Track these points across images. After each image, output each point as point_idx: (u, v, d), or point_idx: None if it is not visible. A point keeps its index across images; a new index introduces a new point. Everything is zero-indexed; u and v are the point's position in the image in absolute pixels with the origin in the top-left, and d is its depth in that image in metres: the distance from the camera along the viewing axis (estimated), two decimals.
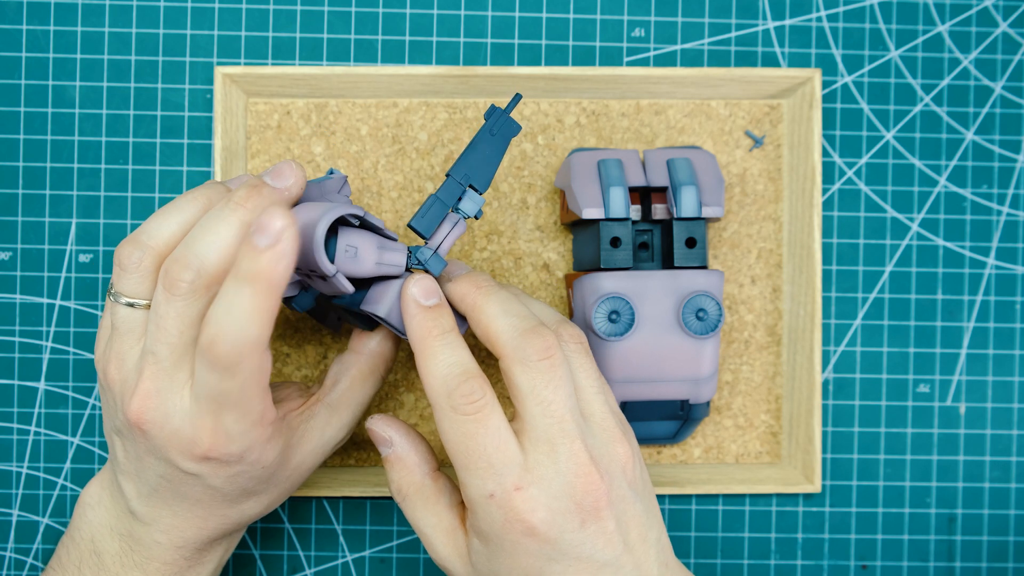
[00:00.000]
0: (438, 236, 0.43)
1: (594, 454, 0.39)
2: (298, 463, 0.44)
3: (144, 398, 0.39)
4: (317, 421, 0.44)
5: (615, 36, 0.53)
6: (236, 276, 0.35)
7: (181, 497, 0.41)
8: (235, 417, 0.38)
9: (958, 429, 0.54)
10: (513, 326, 0.40)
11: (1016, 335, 0.54)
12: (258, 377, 0.37)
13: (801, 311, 0.52)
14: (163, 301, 0.38)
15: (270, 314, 0.36)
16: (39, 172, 0.52)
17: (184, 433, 0.39)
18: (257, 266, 0.34)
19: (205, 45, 0.53)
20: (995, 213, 0.54)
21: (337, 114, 0.52)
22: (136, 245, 0.40)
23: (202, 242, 0.38)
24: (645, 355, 0.48)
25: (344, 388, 0.45)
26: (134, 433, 0.40)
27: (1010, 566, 0.54)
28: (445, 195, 0.43)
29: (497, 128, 0.43)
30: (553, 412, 0.39)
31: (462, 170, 0.43)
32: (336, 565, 0.53)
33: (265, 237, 0.34)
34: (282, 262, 0.35)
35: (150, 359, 0.39)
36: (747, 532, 0.54)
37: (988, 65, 0.54)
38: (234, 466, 0.40)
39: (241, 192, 0.39)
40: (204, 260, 0.38)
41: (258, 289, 0.35)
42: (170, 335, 0.38)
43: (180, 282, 0.38)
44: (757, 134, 0.53)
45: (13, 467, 0.52)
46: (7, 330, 0.52)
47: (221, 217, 0.38)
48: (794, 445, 0.53)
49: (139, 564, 0.42)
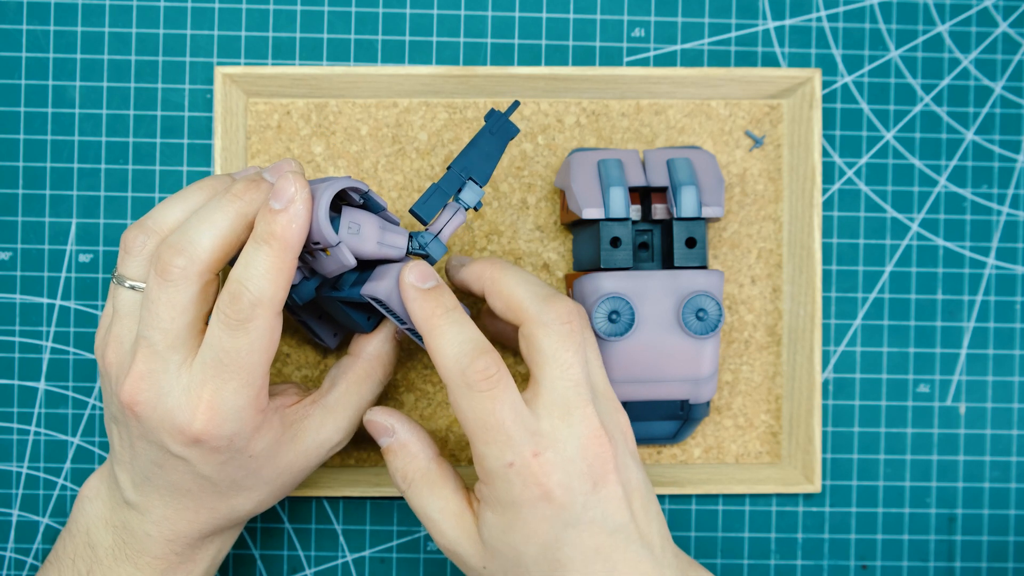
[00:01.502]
0: (439, 223, 0.44)
1: (602, 419, 0.41)
2: (290, 462, 0.44)
3: (137, 379, 0.40)
4: (311, 422, 0.44)
5: (615, 36, 0.54)
6: (254, 238, 0.39)
7: (172, 486, 0.42)
8: (235, 387, 0.39)
9: (958, 429, 0.54)
10: (535, 293, 0.42)
11: (1016, 335, 0.54)
12: (267, 343, 0.39)
13: (801, 311, 0.52)
14: (155, 286, 0.39)
15: (286, 275, 0.39)
16: (39, 172, 0.52)
17: (176, 415, 0.39)
18: (272, 227, 0.39)
19: (205, 45, 0.53)
20: (995, 213, 0.54)
21: (337, 114, 0.52)
22: (142, 229, 0.41)
23: (196, 230, 0.39)
24: (645, 355, 0.48)
25: (341, 391, 0.45)
26: (127, 417, 0.40)
27: (1010, 566, 0.54)
28: (446, 184, 0.44)
29: (496, 129, 0.44)
30: (571, 376, 0.40)
31: (462, 163, 0.44)
32: (336, 565, 0.53)
33: (279, 201, 0.39)
34: (295, 222, 0.39)
35: (143, 343, 0.40)
36: (747, 532, 0.54)
37: (988, 65, 0.54)
38: (223, 452, 0.40)
39: (239, 185, 0.40)
40: (197, 247, 0.39)
41: (274, 248, 0.39)
42: (162, 320, 0.39)
43: (172, 267, 0.39)
44: (757, 134, 0.53)
45: (13, 467, 0.52)
46: (7, 330, 0.52)
47: (217, 207, 0.40)
48: (794, 445, 0.53)
49: (130, 557, 0.43)
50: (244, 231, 0.40)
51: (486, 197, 0.53)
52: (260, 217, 0.39)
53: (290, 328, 0.53)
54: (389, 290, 0.42)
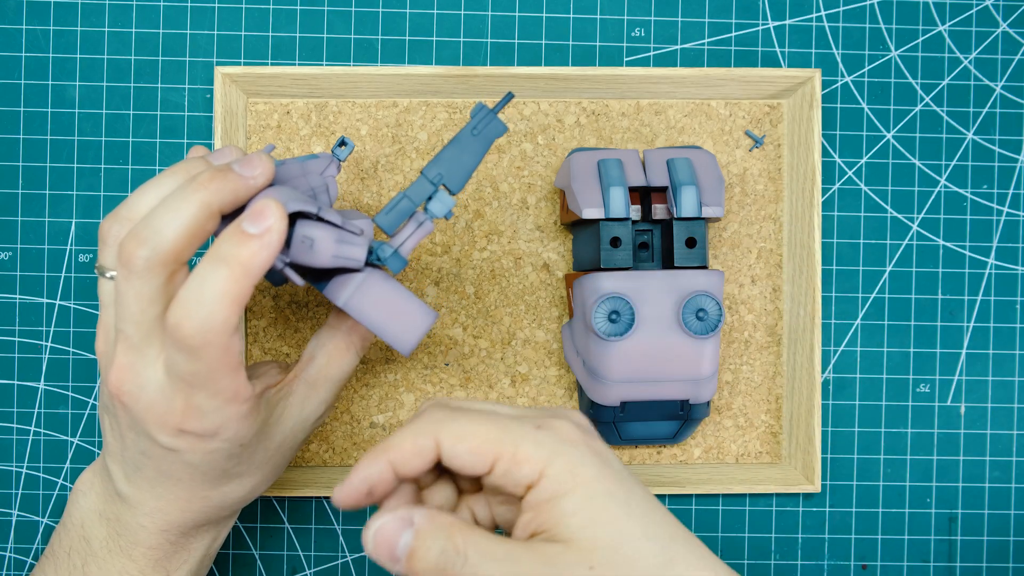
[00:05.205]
0: (402, 235, 0.42)
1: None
2: (280, 442, 0.44)
3: (119, 370, 0.39)
4: (296, 398, 0.44)
5: (615, 36, 0.53)
6: (215, 256, 0.36)
7: (163, 476, 0.41)
8: (206, 395, 0.38)
9: (958, 429, 0.54)
10: (508, 425, 0.37)
11: (1016, 335, 0.54)
12: (226, 359, 0.38)
13: (801, 311, 0.52)
14: (122, 279, 0.38)
15: (241, 300, 0.36)
16: (39, 172, 0.52)
17: (159, 406, 0.39)
18: (239, 251, 0.36)
19: (205, 45, 0.53)
20: (995, 213, 0.54)
21: (337, 114, 0.52)
22: (116, 219, 0.40)
23: (160, 219, 0.38)
24: (645, 355, 0.47)
25: (322, 364, 0.45)
26: (115, 406, 0.40)
27: (1010, 566, 0.54)
28: (414, 193, 0.42)
29: (481, 127, 0.42)
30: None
31: (436, 169, 0.42)
32: (336, 565, 0.53)
33: (255, 226, 0.36)
34: (264, 252, 0.36)
35: (120, 335, 0.39)
36: (747, 532, 0.54)
37: (988, 65, 0.54)
38: (210, 442, 0.40)
39: (205, 174, 0.39)
40: (160, 236, 0.38)
41: (235, 273, 0.36)
42: (132, 313, 0.38)
43: (135, 258, 0.38)
44: (757, 134, 0.53)
45: (13, 467, 0.52)
46: (7, 330, 0.52)
47: (182, 196, 0.38)
48: (794, 445, 0.53)
49: (125, 549, 0.43)
50: (209, 221, 0.38)
51: (486, 197, 0.53)
52: (229, 236, 0.36)
53: (290, 328, 0.53)
54: (347, 298, 0.41)
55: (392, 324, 0.42)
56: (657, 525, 0.36)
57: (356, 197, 0.52)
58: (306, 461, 0.53)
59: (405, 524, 0.35)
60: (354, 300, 0.41)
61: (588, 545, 0.35)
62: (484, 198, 0.53)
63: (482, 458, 0.36)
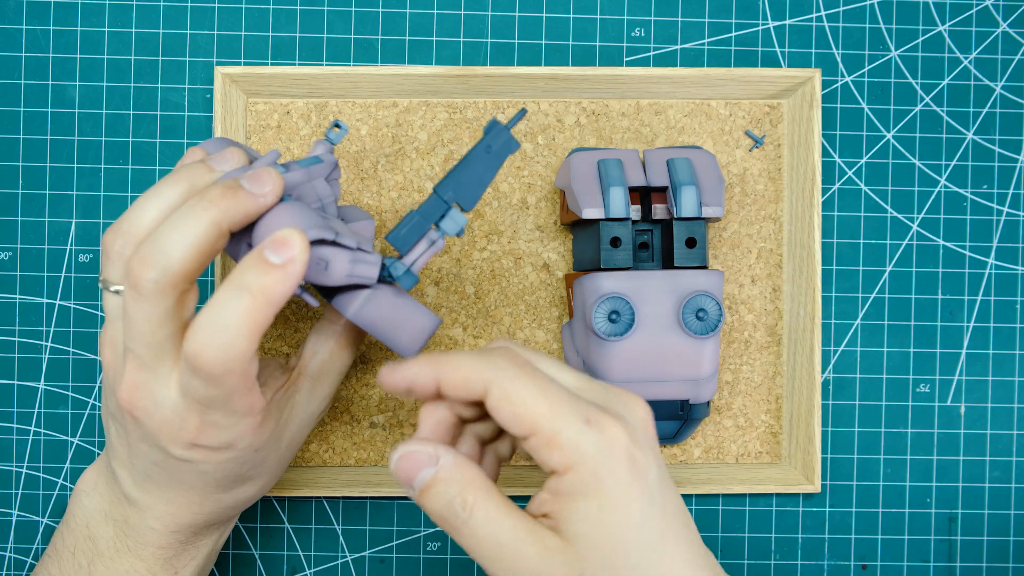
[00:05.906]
0: (414, 253, 0.42)
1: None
2: (289, 442, 0.44)
3: (131, 388, 0.39)
4: (302, 395, 0.44)
5: (615, 36, 0.53)
6: (237, 284, 0.36)
7: (175, 483, 0.41)
8: (222, 414, 0.38)
9: (958, 429, 0.54)
10: (569, 409, 0.36)
11: (1016, 335, 0.54)
12: (243, 383, 0.37)
13: (801, 311, 0.52)
14: (131, 301, 0.37)
15: (260, 329, 0.36)
16: (39, 172, 0.52)
17: (172, 424, 0.39)
18: (263, 281, 0.35)
19: (205, 45, 0.53)
20: (995, 213, 0.54)
21: (337, 114, 0.52)
22: (118, 233, 0.39)
23: (168, 239, 0.37)
24: (645, 355, 0.48)
25: (324, 359, 0.45)
26: (126, 419, 0.40)
27: (1010, 566, 0.54)
28: (427, 212, 0.41)
29: (495, 145, 0.42)
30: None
31: (449, 187, 0.41)
32: (336, 565, 0.53)
33: (278, 255, 0.35)
34: (287, 283, 0.35)
35: (130, 355, 0.39)
36: (747, 532, 0.54)
37: (988, 65, 0.54)
38: (225, 452, 0.40)
39: (215, 191, 0.38)
40: (169, 258, 0.37)
41: (257, 303, 0.35)
42: (143, 334, 0.38)
43: (144, 281, 0.37)
44: (757, 134, 0.53)
45: (13, 467, 0.52)
46: (7, 330, 0.52)
47: (190, 214, 0.37)
48: (794, 445, 0.53)
49: (133, 549, 0.43)
50: (218, 240, 0.38)
51: (486, 197, 0.53)
52: (252, 264, 0.35)
53: (290, 328, 0.53)
54: (356, 310, 0.41)
55: (399, 333, 0.42)
56: (673, 557, 0.36)
57: (356, 197, 0.52)
58: (306, 461, 0.53)
59: (431, 461, 0.37)
60: (363, 313, 0.41)
61: (585, 553, 0.35)
62: (484, 198, 0.53)
63: (521, 426, 0.36)
